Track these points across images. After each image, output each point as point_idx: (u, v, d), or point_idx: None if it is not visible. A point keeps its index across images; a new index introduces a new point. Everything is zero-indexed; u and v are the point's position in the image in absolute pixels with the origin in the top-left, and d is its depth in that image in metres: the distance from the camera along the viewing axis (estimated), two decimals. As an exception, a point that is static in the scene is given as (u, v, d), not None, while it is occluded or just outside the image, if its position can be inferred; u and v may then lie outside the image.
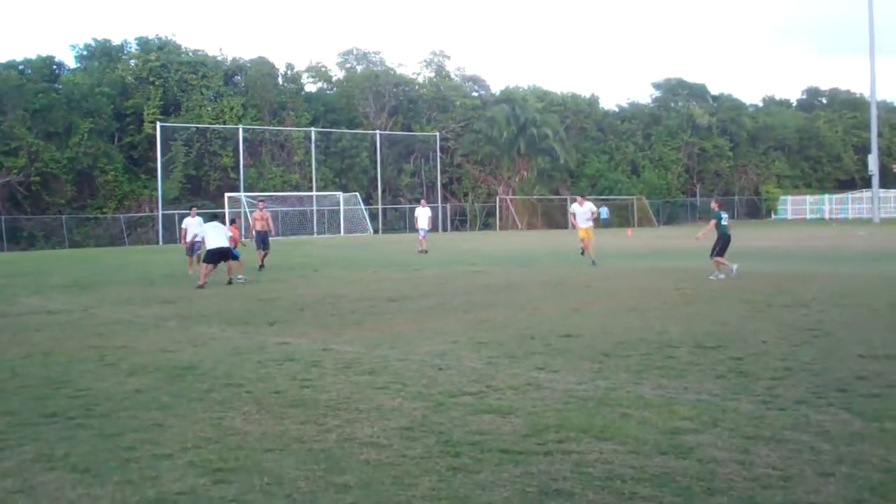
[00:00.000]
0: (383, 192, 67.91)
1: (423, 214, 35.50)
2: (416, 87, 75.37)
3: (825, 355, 9.75)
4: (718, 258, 19.96)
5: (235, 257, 22.06)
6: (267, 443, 6.60)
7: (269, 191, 58.34)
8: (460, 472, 5.80)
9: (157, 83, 59.67)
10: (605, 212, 72.98)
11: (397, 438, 6.62)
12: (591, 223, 26.45)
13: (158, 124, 56.37)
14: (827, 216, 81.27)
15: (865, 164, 77.65)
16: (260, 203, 28.09)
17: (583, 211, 26.48)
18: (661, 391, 8.07)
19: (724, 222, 20.39)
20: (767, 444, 6.26)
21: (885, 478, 5.48)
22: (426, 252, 33.10)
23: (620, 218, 74.90)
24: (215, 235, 21.38)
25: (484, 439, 6.51)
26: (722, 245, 20.13)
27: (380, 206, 66.28)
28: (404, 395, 8.10)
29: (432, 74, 77.23)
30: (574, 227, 27.47)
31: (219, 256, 21.30)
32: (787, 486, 5.40)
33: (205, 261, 21.62)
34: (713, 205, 21.70)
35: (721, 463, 5.84)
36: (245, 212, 53.56)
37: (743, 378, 8.58)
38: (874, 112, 73.80)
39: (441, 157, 71.87)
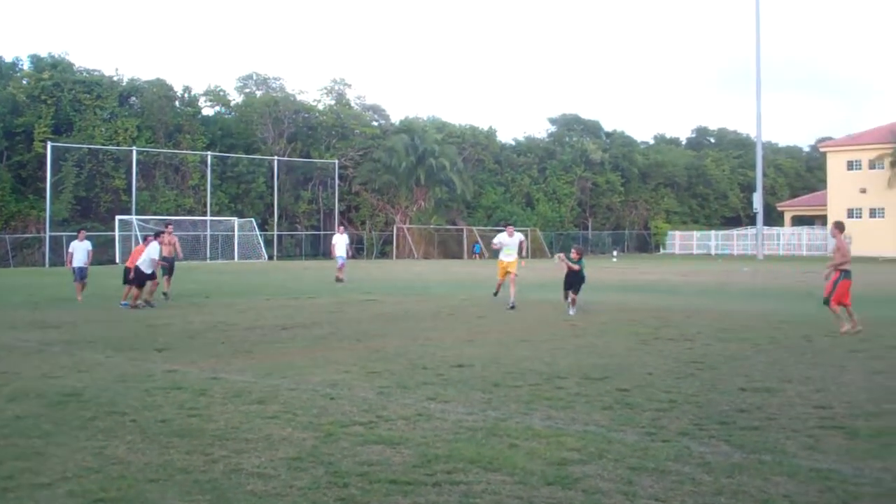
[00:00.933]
0: (280, 218, 67.36)
1: (340, 241, 34.11)
2: (316, 114, 75.18)
3: (708, 388, 10.04)
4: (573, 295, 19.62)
5: (152, 277, 21.99)
6: (150, 473, 6.46)
7: (162, 214, 57.25)
8: (348, 502, 5.79)
9: (49, 102, 58.20)
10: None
11: (285, 469, 6.56)
12: (515, 256, 22.83)
13: (49, 144, 54.83)
14: (713, 252, 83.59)
15: (750, 202, 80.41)
16: (168, 227, 27.37)
17: (512, 242, 22.71)
18: (550, 422, 8.18)
19: (583, 270, 20.03)
20: (651, 475, 6.40)
21: (762, 508, 5.66)
22: (343, 281, 32.06)
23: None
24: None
25: (373, 470, 6.50)
26: (572, 281, 19.86)
27: (276, 233, 65.71)
28: (294, 425, 8.03)
29: (332, 102, 77.18)
30: (500, 260, 22.97)
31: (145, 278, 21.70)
32: (668, 516, 5.54)
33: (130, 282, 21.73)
34: (573, 254, 20.55)
35: (606, 494, 5.94)
36: (136, 235, 52.50)
37: (629, 409, 8.77)
38: (759, 152, 76.49)
39: (339, 185, 71.73)
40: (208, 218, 61.76)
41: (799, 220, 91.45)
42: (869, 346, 14.04)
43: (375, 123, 79.48)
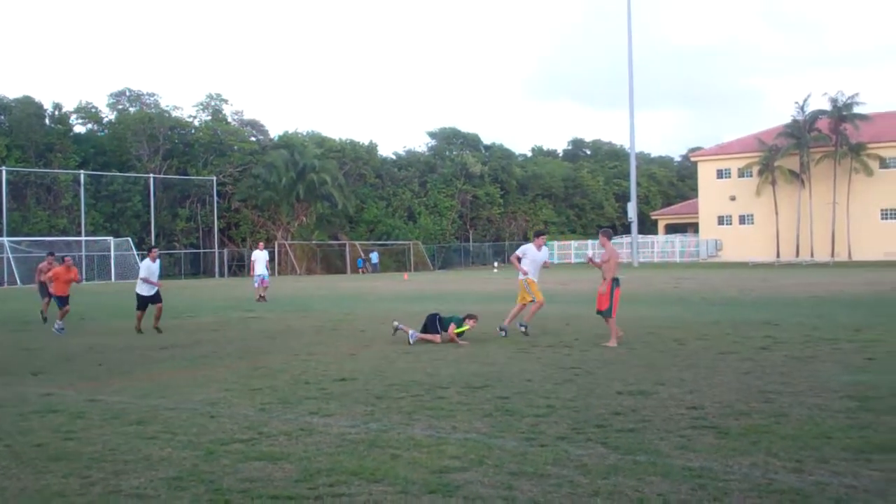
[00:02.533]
0: (157, 236, 65.98)
1: (260, 258, 32.94)
2: (192, 130, 73.93)
3: (585, 393, 10.27)
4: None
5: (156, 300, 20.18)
6: (25, 499, 6.28)
7: (35, 235, 55.45)
8: (229, 520, 5.74)
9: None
10: (375, 256, 73.91)
11: (165, 489, 6.46)
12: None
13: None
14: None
15: (625, 212, 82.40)
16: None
17: (541, 257, 18.42)
18: (431, 431, 8.26)
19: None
20: (530, 479, 6.52)
21: (637, 508, 5.82)
22: (264, 300, 30.97)
23: (398, 263, 76.08)
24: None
25: (254, 486, 6.46)
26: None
27: (154, 252, 64.26)
28: (174, 445, 7.91)
29: (209, 118, 76.01)
30: (523, 275, 17.92)
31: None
32: (546, 518, 5.66)
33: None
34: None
35: (486, 499, 6.03)
36: (8, 257, 50.77)
37: (509, 416, 8.91)
38: (633, 163, 78.40)
39: (218, 202, 70.70)
40: (83, 238, 60.04)
41: (672, 228, 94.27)
42: (739, 347, 14.57)
43: (254, 139, 78.71)
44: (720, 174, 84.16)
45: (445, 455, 7.27)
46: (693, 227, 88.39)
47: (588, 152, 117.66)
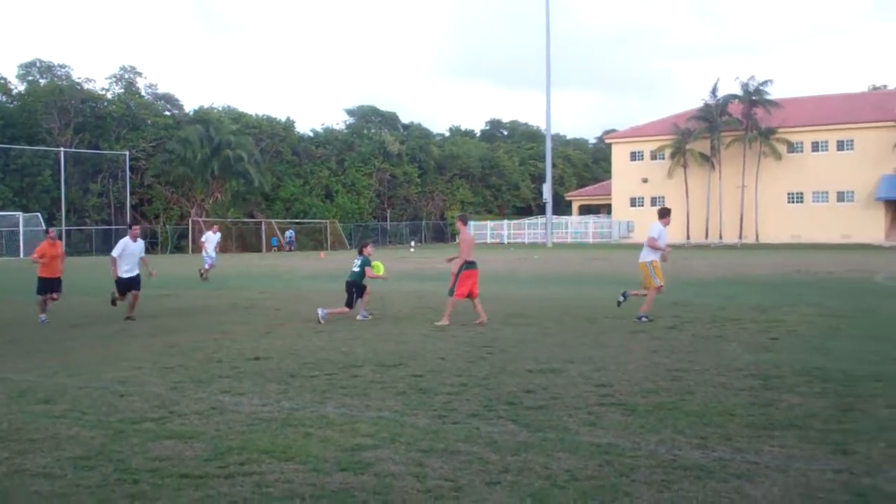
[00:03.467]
0: (68, 212, 64.49)
1: (211, 240, 32.45)
2: (105, 103, 72.25)
3: (498, 371, 10.41)
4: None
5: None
6: (-75, 480, 6.14)
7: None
8: (137, 499, 5.69)
9: None
10: (290, 234, 73.41)
11: (72, 468, 6.38)
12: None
13: None
14: (506, 240, 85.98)
15: (541, 192, 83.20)
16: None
17: (664, 238, 17.05)
18: (344, 410, 8.29)
19: (355, 268, 16.77)
20: (441, 456, 6.61)
21: (545, 484, 5.93)
22: (206, 279, 30.33)
23: (314, 241, 75.66)
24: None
25: (164, 465, 6.41)
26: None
27: (64, 228, 62.77)
28: (82, 424, 7.80)
29: (122, 91, 74.39)
30: (661, 259, 16.89)
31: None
32: (457, 495, 5.72)
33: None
34: (367, 250, 17.12)
35: (397, 477, 6.10)
36: None
37: (422, 394, 8.99)
38: (549, 144, 79.20)
39: (131, 178, 69.30)
40: (-10, 213, 58.44)
41: (586, 209, 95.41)
42: (648, 327, 14.90)
43: (168, 113, 77.29)
44: (633, 156, 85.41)
45: (358, 433, 7.32)
46: (606, 209, 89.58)
47: (505, 133, 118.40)
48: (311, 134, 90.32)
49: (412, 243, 78.73)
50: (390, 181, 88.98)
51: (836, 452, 6.63)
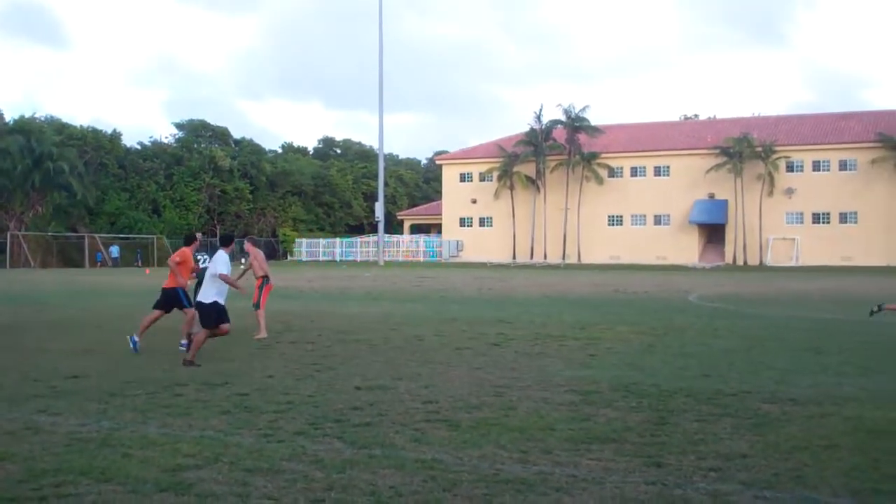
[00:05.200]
0: None
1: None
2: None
3: (325, 388, 10.40)
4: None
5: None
6: None
7: None
8: (-59, 525, 5.43)
9: None
10: (115, 250, 71.06)
11: None
12: None
13: None
14: (338, 258, 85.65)
15: (373, 211, 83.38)
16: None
17: None
18: (166, 429, 8.11)
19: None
20: (265, 475, 6.55)
21: (370, 500, 5.97)
22: None
23: (140, 257, 73.50)
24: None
25: (-29, 489, 6.12)
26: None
27: None
28: None
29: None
30: None
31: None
32: (280, 513, 5.69)
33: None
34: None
35: (219, 496, 6.01)
36: None
37: (247, 413, 8.89)
38: (381, 164, 79.65)
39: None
40: None
41: (417, 229, 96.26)
42: (474, 344, 15.15)
43: (-15, 123, 73.42)
44: (463, 178, 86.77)
45: (180, 453, 7.17)
46: (437, 228, 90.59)
47: (338, 151, 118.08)
48: (139, 147, 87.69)
49: (243, 261, 77.26)
50: (221, 197, 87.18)
51: (650, 465, 6.92)
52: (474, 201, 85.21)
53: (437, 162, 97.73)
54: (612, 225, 79.81)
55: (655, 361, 13.00)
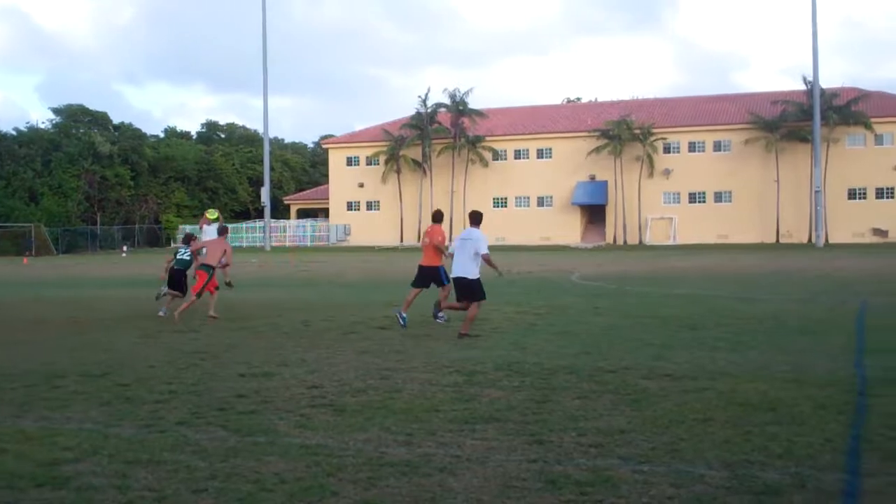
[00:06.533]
0: None
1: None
2: None
3: (209, 377, 10.28)
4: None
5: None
6: None
7: None
8: None
9: None
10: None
11: None
12: None
13: None
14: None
15: (259, 196, 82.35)
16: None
17: None
18: (44, 423, 7.92)
19: (185, 256, 18.00)
20: (146, 466, 6.45)
21: (254, 488, 5.93)
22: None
23: (18, 246, 70.93)
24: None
25: None
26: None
27: None
28: None
29: None
30: None
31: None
32: (161, 505, 5.64)
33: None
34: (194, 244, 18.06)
35: (99, 489, 5.90)
36: None
37: (128, 404, 8.73)
38: (267, 148, 78.73)
39: None
40: None
41: (304, 213, 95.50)
42: (361, 328, 15.18)
43: None
44: (350, 161, 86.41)
45: (58, 446, 7.02)
46: (324, 213, 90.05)
47: (223, 136, 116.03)
48: (14, 133, 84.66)
49: (124, 248, 75.40)
50: (101, 183, 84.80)
51: (532, 443, 7.05)
52: (361, 185, 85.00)
53: (324, 146, 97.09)
54: (498, 207, 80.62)
55: (539, 340, 13.25)
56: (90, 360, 11.70)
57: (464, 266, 13.92)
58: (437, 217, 16.88)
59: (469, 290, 13.94)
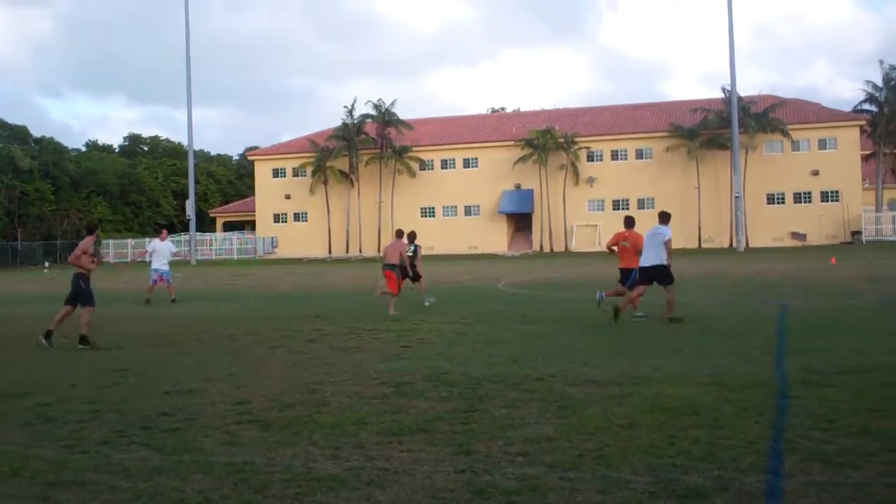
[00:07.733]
0: None
1: (163, 249, 27.59)
2: None
3: (133, 394, 10.10)
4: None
5: None
6: None
7: None
8: None
9: None
10: None
11: None
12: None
13: None
14: (134, 259, 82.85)
15: (184, 209, 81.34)
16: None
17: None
18: (-40, 447, 7.72)
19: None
20: (69, 488, 6.32)
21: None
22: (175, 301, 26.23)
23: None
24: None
25: None
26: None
27: None
28: None
29: None
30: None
31: None
32: (84, 525, 5.54)
33: None
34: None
35: (19, 513, 5.79)
36: None
37: (49, 424, 8.55)
38: (191, 160, 77.81)
39: None
40: None
41: (230, 226, 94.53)
42: (288, 341, 15.04)
43: None
44: (276, 173, 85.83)
45: (-26, 471, 6.85)
46: (251, 225, 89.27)
47: (146, 149, 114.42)
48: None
49: (46, 264, 73.66)
50: (21, 198, 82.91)
51: (460, 453, 7.05)
52: (288, 197, 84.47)
53: (249, 157, 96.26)
54: (425, 217, 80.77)
55: (466, 350, 13.28)
56: (6, 380, 11.43)
57: (655, 256, 16.22)
58: (629, 222, 17.96)
59: (662, 276, 16.18)
